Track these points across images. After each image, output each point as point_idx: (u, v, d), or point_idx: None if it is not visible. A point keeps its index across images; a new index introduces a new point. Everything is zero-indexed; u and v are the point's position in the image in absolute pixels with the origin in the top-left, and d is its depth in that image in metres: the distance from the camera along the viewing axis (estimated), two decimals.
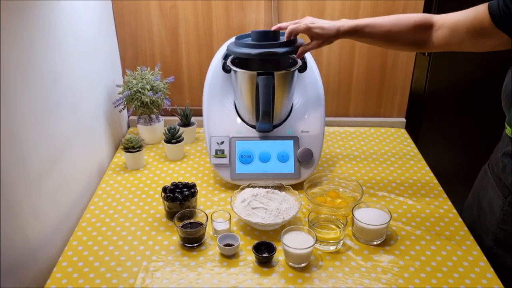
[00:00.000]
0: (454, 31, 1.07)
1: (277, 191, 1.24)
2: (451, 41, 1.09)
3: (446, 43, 1.10)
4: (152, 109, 1.51)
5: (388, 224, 1.12)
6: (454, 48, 1.10)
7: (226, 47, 1.36)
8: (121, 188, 1.36)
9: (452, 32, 1.08)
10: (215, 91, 1.38)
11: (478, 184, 1.24)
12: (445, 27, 1.10)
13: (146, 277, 1.03)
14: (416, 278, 1.03)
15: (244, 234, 1.17)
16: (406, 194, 1.33)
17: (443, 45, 1.11)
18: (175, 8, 1.56)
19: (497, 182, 1.13)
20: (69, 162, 1.22)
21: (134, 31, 1.60)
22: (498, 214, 1.11)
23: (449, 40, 1.09)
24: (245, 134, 1.35)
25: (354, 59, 1.64)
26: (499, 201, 1.11)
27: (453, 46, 1.09)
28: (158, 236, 1.16)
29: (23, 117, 0.98)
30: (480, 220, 1.19)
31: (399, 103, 1.72)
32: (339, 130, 1.67)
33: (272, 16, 1.56)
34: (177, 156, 1.50)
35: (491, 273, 1.05)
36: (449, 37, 1.09)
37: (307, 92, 1.39)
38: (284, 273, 1.05)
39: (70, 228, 1.21)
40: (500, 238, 1.12)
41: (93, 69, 1.40)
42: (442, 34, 1.10)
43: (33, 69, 1.03)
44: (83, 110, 1.32)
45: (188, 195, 1.20)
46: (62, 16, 1.17)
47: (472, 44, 1.05)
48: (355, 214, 1.14)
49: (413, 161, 1.51)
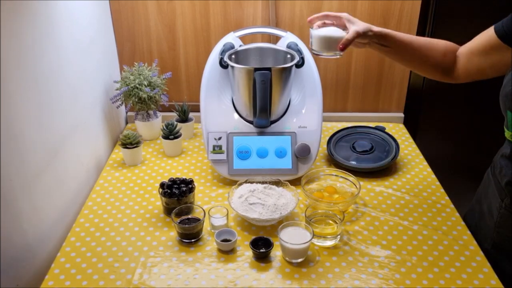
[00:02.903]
0: (470, 55, 1.11)
1: (274, 186, 1.25)
2: (469, 66, 1.12)
3: (466, 70, 1.13)
4: (149, 105, 1.51)
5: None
6: (474, 75, 1.12)
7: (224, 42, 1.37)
8: (119, 184, 1.36)
9: (469, 57, 1.11)
10: (213, 87, 1.38)
11: (481, 187, 1.24)
12: (463, 54, 1.13)
13: (144, 273, 1.03)
14: (413, 273, 1.04)
15: (241, 229, 1.17)
16: (403, 189, 1.33)
17: (465, 73, 1.13)
18: (172, 4, 1.55)
19: (496, 184, 1.13)
20: (67, 158, 1.22)
21: (132, 27, 1.60)
22: (496, 216, 1.11)
23: (468, 66, 1.12)
24: (242, 130, 1.35)
25: (352, 54, 1.63)
26: (496, 204, 1.11)
27: (473, 73, 1.12)
28: (156, 231, 1.16)
29: (20, 113, 0.99)
30: (480, 224, 1.19)
31: (397, 98, 1.72)
32: (337, 126, 1.67)
33: (269, 12, 1.55)
34: (175, 152, 1.50)
35: (488, 267, 1.05)
36: (467, 63, 1.12)
37: (305, 88, 1.38)
38: (281, 268, 1.05)
39: (68, 224, 1.21)
40: (497, 242, 1.12)
41: (90, 65, 1.39)
42: (462, 61, 1.13)
43: (30, 65, 1.02)
44: (80, 106, 1.32)
45: (185, 191, 1.20)
46: (59, 12, 1.17)
47: (489, 65, 1.08)
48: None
49: (411, 156, 1.51)
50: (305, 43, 1.41)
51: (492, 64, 1.07)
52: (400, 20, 1.57)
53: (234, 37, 1.40)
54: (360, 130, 1.57)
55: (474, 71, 1.11)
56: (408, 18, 1.57)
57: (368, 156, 1.45)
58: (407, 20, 1.57)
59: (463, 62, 1.12)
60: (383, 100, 1.73)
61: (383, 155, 1.45)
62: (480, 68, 1.10)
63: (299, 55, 1.32)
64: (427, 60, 1.14)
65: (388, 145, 1.49)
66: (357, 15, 1.54)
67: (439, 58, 1.13)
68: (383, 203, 1.27)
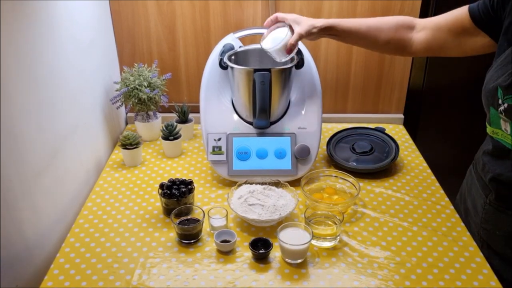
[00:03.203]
0: (436, 31, 1.09)
1: (274, 187, 1.24)
2: (433, 42, 1.10)
3: (427, 45, 1.11)
4: (149, 106, 1.51)
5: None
6: (436, 51, 1.12)
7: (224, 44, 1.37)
8: (119, 184, 1.36)
9: (435, 33, 1.09)
10: (212, 88, 1.38)
11: (464, 184, 1.25)
12: (427, 29, 1.11)
13: (143, 274, 1.03)
14: (413, 274, 1.04)
15: (241, 230, 1.17)
16: (403, 190, 1.33)
17: (425, 47, 1.12)
18: (172, 5, 1.55)
19: (479, 181, 1.13)
20: (67, 158, 1.22)
21: (131, 28, 1.60)
22: (481, 213, 1.12)
23: (431, 42, 1.10)
24: (242, 131, 1.35)
25: (352, 55, 1.63)
26: (481, 200, 1.12)
27: (435, 49, 1.11)
28: (155, 232, 1.16)
29: (20, 114, 0.99)
30: (467, 221, 1.20)
31: (397, 99, 1.72)
32: (337, 127, 1.67)
33: (269, 12, 1.55)
34: (175, 153, 1.50)
35: (487, 268, 1.05)
36: (431, 38, 1.10)
37: (304, 89, 1.38)
38: (281, 269, 1.05)
39: (67, 224, 1.21)
40: (484, 238, 1.13)
41: (90, 66, 1.40)
42: (425, 35, 1.11)
43: (30, 65, 1.03)
44: (80, 106, 1.32)
45: (185, 191, 1.20)
46: (59, 13, 1.17)
47: (455, 45, 1.07)
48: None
49: (411, 157, 1.51)
50: (304, 44, 1.42)
51: (459, 45, 1.06)
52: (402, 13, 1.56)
53: (234, 38, 1.40)
54: (360, 131, 1.57)
55: (436, 47, 1.10)
56: None
57: (368, 157, 1.45)
58: None
59: (426, 36, 1.11)
60: (383, 101, 1.73)
61: (383, 156, 1.45)
62: (445, 46, 1.09)
63: (299, 56, 1.32)
64: (376, 40, 1.16)
65: (388, 146, 1.49)
66: (357, 16, 1.55)
67: (390, 36, 1.14)
68: (382, 204, 1.27)
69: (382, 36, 1.15)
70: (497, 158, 1.06)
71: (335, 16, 1.54)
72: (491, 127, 1.04)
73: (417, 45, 1.14)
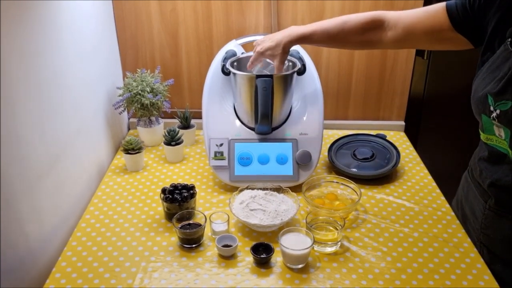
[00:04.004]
0: (410, 33, 1.06)
1: (275, 193, 1.25)
2: (405, 42, 1.10)
3: (399, 44, 1.11)
4: (152, 111, 1.52)
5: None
6: (407, 47, 1.11)
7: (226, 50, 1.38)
8: (121, 189, 1.36)
9: (407, 35, 1.07)
10: (215, 94, 1.39)
11: (460, 191, 1.26)
12: (399, 28, 1.08)
13: (145, 278, 1.04)
14: (414, 279, 1.04)
15: (242, 235, 1.17)
16: (404, 197, 1.34)
17: (396, 46, 1.13)
18: (175, 12, 1.57)
19: (477, 187, 1.14)
20: (69, 163, 1.23)
21: (135, 34, 1.61)
22: (480, 219, 1.12)
23: (402, 41, 1.10)
24: (244, 136, 1.36)
25: (353, 62, 1.64)
26: (480, 206, 1.12)
27: (407, 46, 1.11)
28: (157, 237, 1.17)
29: (23, 118, 0.99)
30: (466, 227, 1.20)
31: (398, 106, 1.73)
32: (338, 133, 1.68)
33: (271, 19, 1.57)
34: (177, 158, 1.51)
35: (488, 274, 1.05)
36: (403, 38, 1.08)
37: (306, 95, 1.39)
38: (282, 274, 1.05)
39: (69, 228, 1.22)
40: (484, 244, 1.13)
41: (93, 71, 1.41)
42: (396, 35, 1.09)
43: (34, 70, 1.04)
44: (83, 111, 1.33)
45: (187, 196, 1.20)
46: (63, 19, 1.18)
47: (429, 46, 1.07)
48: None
49: (412, 164, 1.51)
50: (306, 51, 1.43)
51: (432, 45, 1.05)
52: None
53: (236, 45, 1.42)
54: (361, 137, 1.57)
55: (408, 44, 1.10)
56: None
57: (369, 163, 1.45)
58: None
59: (399, 35, 1.09)
60: (384, 109, 1.74)
61: (384, 163, 1.45)
62: (417, 45, 1.09)
63: (301, 63, 1.33)
64: (346, 42, 1.20)
65: (389, 153, 1.49)
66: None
67: (358, 40, 1.16)
68: (383, 210, 1.28)
69: (351, 40, 1.18)
70: (493, 163, 1.06)
71: (337, 14, 1.54)
72: (484, 134, 1.04)
73: (387, 44, 1.14)
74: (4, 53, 0.91)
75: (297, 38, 1.19)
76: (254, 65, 1.31)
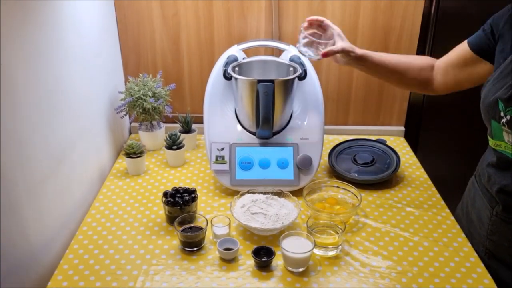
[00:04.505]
0: (446, 70, 1.18)
1: (276, 197, 1.26)
2: (447, 79, 1.19)
3: (444, 83, 1.20)
4: (153, 115, 1.53)
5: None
6: (452, 86, 1.19)
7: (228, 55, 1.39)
8: (122, 193, 1.37)
9: (446, 71, 1.18)
10: (216, 98, 1.40)
11: (466, 196, 1.26)
12: (440, 68, 1.20)
13: (146, 280, 1.04)
14: (414, 283, 1.04)
15: (243, 239, 1.18)
16: (404, 201, 1.34)
17: (443, 85, 1.20)
18: (177, 17, 1.58)
19: (484, 193, 1.14)
20: (71, 166, 1.24)
21: (137, 39, 1.62)
22: (487, 225, 1.13)
23: (445, 80, 1.19)
24: (245, 141, 1.36)
25: (354, 68, 1.65)
26: (487, 212, 1.13)
27: (451, 85, 1.19)
28: (158, 240, 1.17)
29: (25, 121, 1.00)
30: (470, 233, 1.21)
31: (398, 111, 1.74)
32: (338, 138, 1.69)
33: (273, 25, 1.58)
34: (178, 162, 1.51)
35: (489, 279, 1.06)
36: (445, 76, 1.19)
37: (307, 100, 1.40)
38: (283, 278, 1.06)
39: (71, 231, 1.22)
40: (490, 250, 1.13)
41: (96, 75, 1.42)
42: (439, 75, 1.20)
43: (36, 74, 1.04)
44: (85, 115, 1.33)
45: (188, 200, 1.21)
46: (66, 23, 1.19)
47: (465, 78, 1.14)
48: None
49: (412, 169, 1.52)
50: None
51: (468, 76, 1.14)
52: (403, 27, 1.59)
53: (237, 50, 1.43)
54: (361, 142, 1.58)
55: (451, 83, 1.18)
56: (409, 33, 1.59)
57: (369, 168, 1.46)
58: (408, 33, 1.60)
59: (441, 76, 1.19)
60: (384, 114, 1.74)
61: (384, 168, 1.46)
62: (457, 81, 1.17)
63: (302, 68, 1.34)
64: (401, 78, 1.23)
65: (389, 158, 1.50)
66: (360, 17, 1.56)
67: (414, 75, 1.22)
68: (384, 215, 1.28)
69: (409, 74, 1.22)
70: (502, 169, 1.07)
71: (338, 19, 1.55)
72: (493, 140, 1.05)
73: (436, 84, 1.22)
74: (7, 57, 0.92)
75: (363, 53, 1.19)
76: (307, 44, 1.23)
